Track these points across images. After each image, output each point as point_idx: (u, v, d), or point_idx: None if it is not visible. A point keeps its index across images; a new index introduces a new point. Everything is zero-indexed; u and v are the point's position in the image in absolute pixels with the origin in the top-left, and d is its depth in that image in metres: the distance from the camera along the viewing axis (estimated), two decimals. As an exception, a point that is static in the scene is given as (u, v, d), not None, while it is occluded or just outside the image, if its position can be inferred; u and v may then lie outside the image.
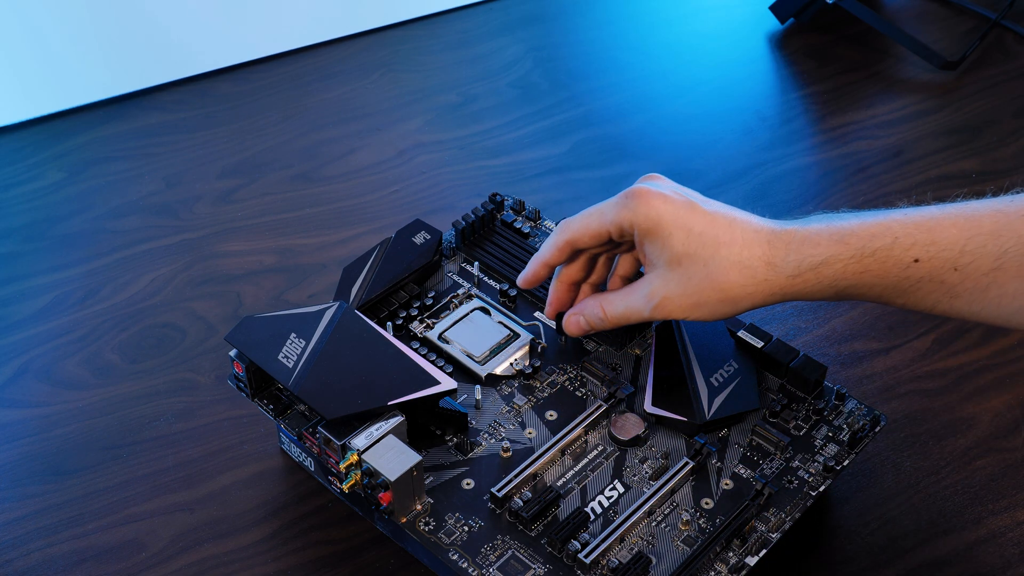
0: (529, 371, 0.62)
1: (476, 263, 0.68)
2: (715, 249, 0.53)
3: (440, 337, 0.64)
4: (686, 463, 0.57)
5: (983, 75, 0.97)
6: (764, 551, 0.54)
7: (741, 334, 0.63)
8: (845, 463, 0.58)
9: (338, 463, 0.55)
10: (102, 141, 0.89)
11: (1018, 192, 0.52)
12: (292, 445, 0.62)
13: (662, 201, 0.54)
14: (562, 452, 0.59)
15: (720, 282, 0.53)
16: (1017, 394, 0.69)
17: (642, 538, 0.55)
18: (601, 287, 0.62)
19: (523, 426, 0.60)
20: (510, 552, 0.54)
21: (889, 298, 0.53)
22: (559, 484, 0.57)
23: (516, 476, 0.56)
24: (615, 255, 0.61)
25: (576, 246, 0.58)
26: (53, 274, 0.77)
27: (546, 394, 0.62)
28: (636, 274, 0.61)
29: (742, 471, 0.58)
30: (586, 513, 0.55)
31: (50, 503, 0.62)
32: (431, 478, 0.57)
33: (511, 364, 0.63)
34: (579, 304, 0.61)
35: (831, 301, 0.54)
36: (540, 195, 0.83)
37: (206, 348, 0.72)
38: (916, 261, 0.51)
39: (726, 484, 0.57)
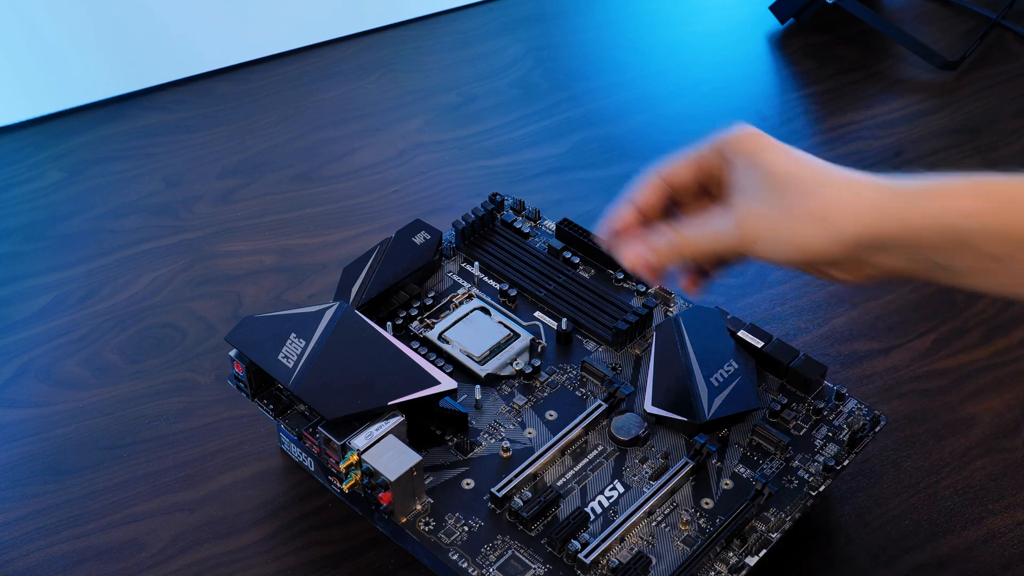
0: (529, 371, 0.62)
1: (476, 263, 0.68)
2: (815, 170, 0.48)
3: (440, 337, 0.64)
4: (686, 463, 0.57)
5: (983, 75, 0.97)
6: (764, 551, 0.54)
7: (741, 334, 0.63)
8: (845, 463, 0.58)
9: (338, 463, 0.55)
10: (102, 141, 0.89)
11: None
12: (292, 445, 0.62)
13: (758, 131, 0.51)
14: (562, 452, 0.59)
15: (817, 196, 0.47)
16: (1017, 394, 0.69)
17: (642, 538, 0.55)
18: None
19: (523, 426, 0.60)
20: (510, 552, 0.54)
21: (1010, 262, 0.45)
22: (559, 484, 0.57)
23: (516, 476, 0.56)
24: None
25: (667, 180, 0.54)
26: (53, 274, 0.77)
27: (546, 394, 0.62)
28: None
29: (742, 471, 0.58)
30: (586, 513, 0.55)
31: (50, 503, 0.62)
32: (431, 478, 0.57)
33: (511, 364, 0.63)
34: (648, 235, 0.53)
35: (928, 254, 0.46)
36: (540, 195, 0.83)
37: (206, 348, 0.72)
38: None
39: (726, 484, 0.57)
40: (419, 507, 0.56)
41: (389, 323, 0.64)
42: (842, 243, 0.47)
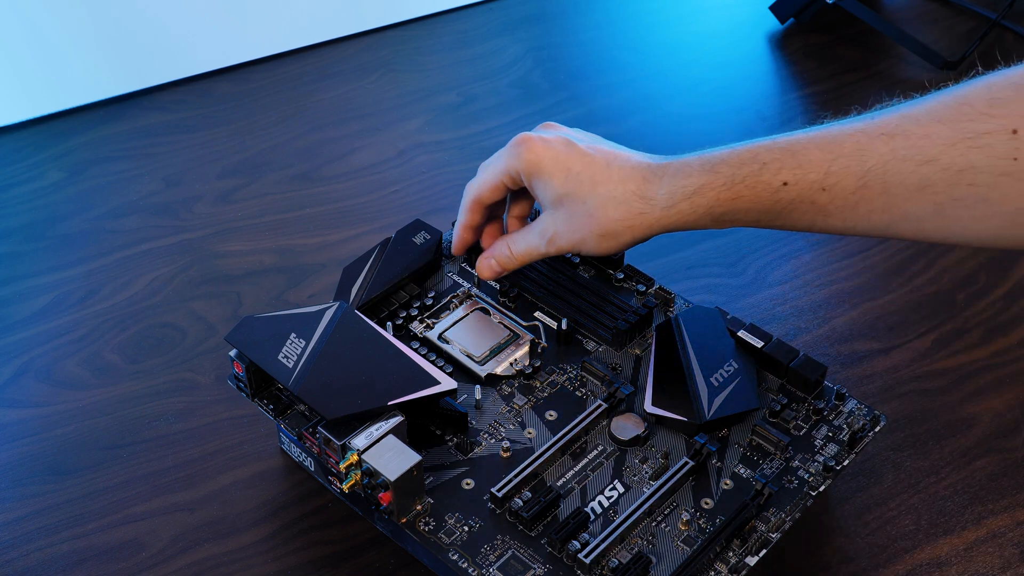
0: (529, 371, 0.62)
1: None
2: (592, 187, 0.56)
3: (440, 337, 0.64)
4: (686, 463, 0.57)
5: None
6: (764, 551, 0.54)
7: (741, 334, 0.63)
8: (845, 463, 0.58)
9: (338, 463, 0.55)
10: (102, 141, 0.89)
11: (880, 107, 0.54)
12: (292, 445, 0.62)
13: (543, 146, 0.58)
14: (562, 452, 0.59)
15: (598, 218, 0.56)
16: (1017, 394, 0.69)
17: (642, 538, 0.55)
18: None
19: (523, 426, 0.60)
20: (510, 552, 0.54)
21: (767, 221, 0.54)
22: (559, 484, 0.57)
23: (516, 476, 0.56)
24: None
25: (483, 203, 0.63)
26: (53, 274, 0.77)
27: (546, 394, 0.62)
28: (532, 212, 0.66)
29: (742, 471, 0.58)
30: (586, 513, 0.55)
31: (50, 503, 0.62)
32: (431, 478, 0.57)
33: (511, 364, 0.63)
34: (489, 248, 0.64)
35: (711, 228, 0.56)
36: (540, 195, 0.83)
37: (206, 348, 0.72)
38: (785, 184, 0.52)
39: (726, 484, 0.57)
40: (419, 507, 0.56)
41: (389, 323, 0.64)
42: (627, 245, 0.57)
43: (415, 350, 0.62)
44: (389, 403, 0.55)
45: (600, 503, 0.57)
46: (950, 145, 0.49)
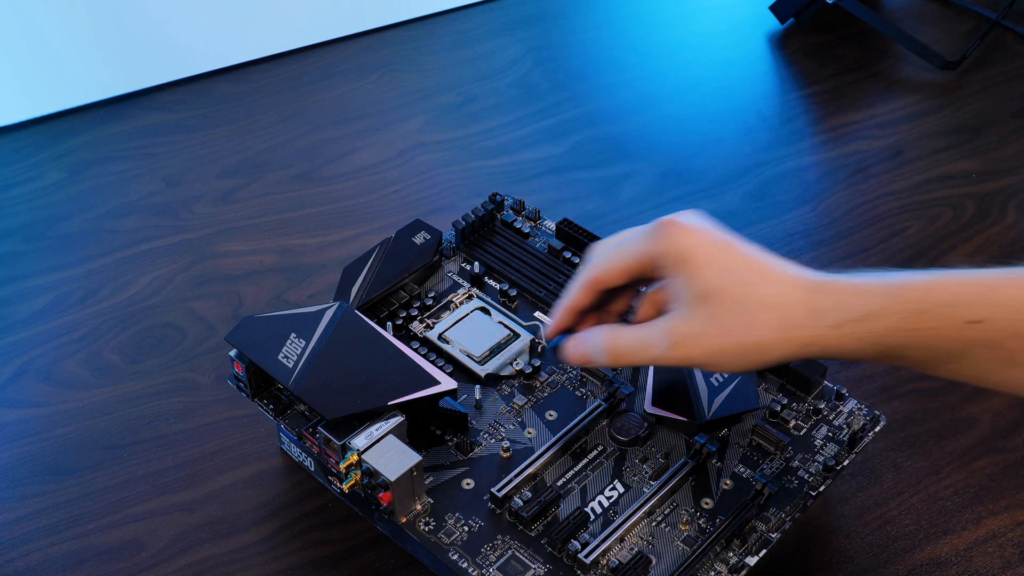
0: (529, 371, 0.62)
1: (476, 263, 0.68)
2: (749, 288, 0.48)
3: (440, 337, 0.64)
4: (686, 463, 0.57)
5: (983, 75, 0.97)
6: (764, 551, 0.54)
7: (741, 334, 0.63)
8: (845, 463, 0.58)
9: (338, 463, 0.55)
10: (102, 141, 0.89)
11: None
12: (292, 445, 0.62)
13: (696, 232, 0.49)
14: (562, 452, 0.59)
15: (750, 325, 0.48)
16: (1017, 394, 0.69)
17: (642, 538, 0.55)
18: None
19: (523, 426, 0.60)
20: (510, 552, 0.54)
21: (936, 364, 0.48)
22: (559, 484, 0.57)
23: (516, 476, 0.56)
24: (636, 292, 0.56)
25: (602, 285, 0.53)
26: (53, 274, 0.77)
27: (546, 394, 0.62)
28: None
29: (742, 471, 0.58)
30: (586, 513, 0.55)
31: (50, 503, 0.62)
32: (431, 478, 0.57)
33: (511, 364, 0.63)
34: (586, 331, 0.53)
35: (866, 361, 0.49)
36: (540, 195, 0.83)
37: (206, 348, 0.72)
38: (975, 323, 0.46)
39: (726, 484, 0.57)
40: (419, 507, 0.56)
41: (389, 323, 0.64)
42: (767, 365, 0.49)
43: (415, 350, 0.62)
44: (389, 403, 0.55)
45: (600, 503, 0.57)
46: None
